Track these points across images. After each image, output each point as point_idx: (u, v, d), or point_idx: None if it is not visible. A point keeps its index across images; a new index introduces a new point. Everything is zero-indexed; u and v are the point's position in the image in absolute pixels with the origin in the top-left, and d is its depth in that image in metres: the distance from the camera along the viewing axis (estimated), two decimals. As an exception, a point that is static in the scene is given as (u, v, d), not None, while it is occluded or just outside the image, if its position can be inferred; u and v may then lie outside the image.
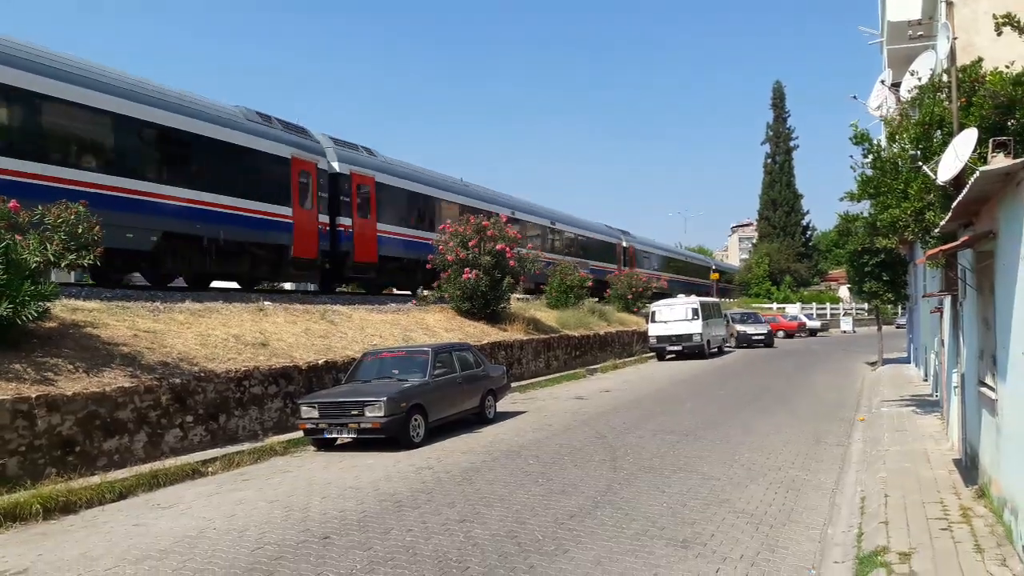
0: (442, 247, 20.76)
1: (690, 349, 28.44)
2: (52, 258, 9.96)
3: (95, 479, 8.91)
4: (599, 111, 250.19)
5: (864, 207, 12.88)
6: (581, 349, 24.86)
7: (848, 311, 59.91)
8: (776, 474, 8.98)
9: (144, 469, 9.53)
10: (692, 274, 56.21)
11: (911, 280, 20.38)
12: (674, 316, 28.89)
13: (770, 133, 76.50)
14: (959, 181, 7.24)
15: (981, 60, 9.37)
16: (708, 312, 29.98)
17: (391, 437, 11.26)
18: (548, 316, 24.94)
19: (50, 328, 10.65)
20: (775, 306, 59.01)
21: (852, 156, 11.30)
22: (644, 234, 47.66)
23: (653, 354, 29.42)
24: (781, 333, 42.41)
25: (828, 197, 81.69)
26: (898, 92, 11.18)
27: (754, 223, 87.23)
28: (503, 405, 15.08)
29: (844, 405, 15.19)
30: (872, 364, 24.32)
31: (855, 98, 12.18)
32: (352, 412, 11.25)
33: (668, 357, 28.88)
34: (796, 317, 49.71)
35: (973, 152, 7.14)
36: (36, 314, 9.73)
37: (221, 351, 12.32)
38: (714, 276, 58.56)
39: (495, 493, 8.34)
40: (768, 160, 76.64)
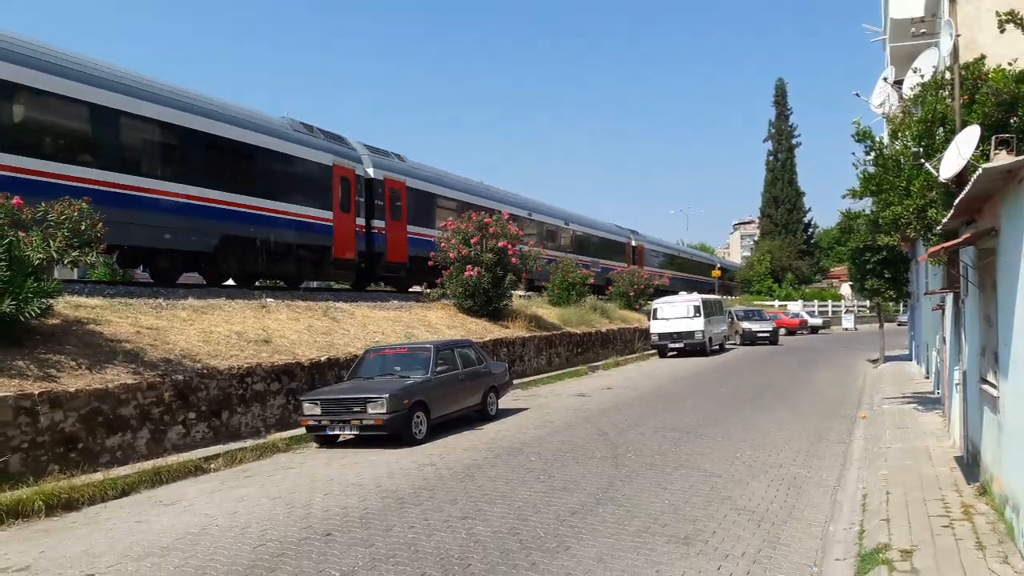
0: (444, 244, 20.80)
1: (692, 346, 28.46)
2: (55, 255, 9.96)
3: (97, 476, 8.93)
4: (600, 109, 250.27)
5: (866, 204, 12.89)
6: (583, 346, 24.87)
7: (850, 308, 59.95)
8: (778, 471, 8.99)
9: (146, 466, 9.55)
10: (697, 272, 56.56)
11: (913, 277, 20.37)
12: (676, 313, 28.91)
13: (772, 130, 76.42)
14: (961, 178, 7.24)
15: (984, 57, 9.37)
16: (710, 309, 29.99)
17: (393, 434, 11.28)
18: (550, 313, 24.94)
19: (53, 325, 10.68)
20: (777, 303, 59.00)
21: (854, 153, 11.31)
22: (644, 231, 47.91)
23: (655, 351, 29.47)
24: (783, 330, 42.23)
25: (830, 194, 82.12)
26: (901, 89, 11.17)
27: (756, 220, 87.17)
28: (505, 402, 15.10)
29: (846, 402, 15.19)
30: (874, 361, 24.32)
31: (858, 95, 12.16)
32: (354, 409, 11.26)
33: (670, 354, 28.91)
34: (798, 314, 49.74)
35: (975, 149, 7.14)
36: (39, 311, 9.74)
37: (224, 348, 12.34)
38: (715, 273, 58.53)
39: (497, 490, 8.35)
40: (770, 157, 76.60)
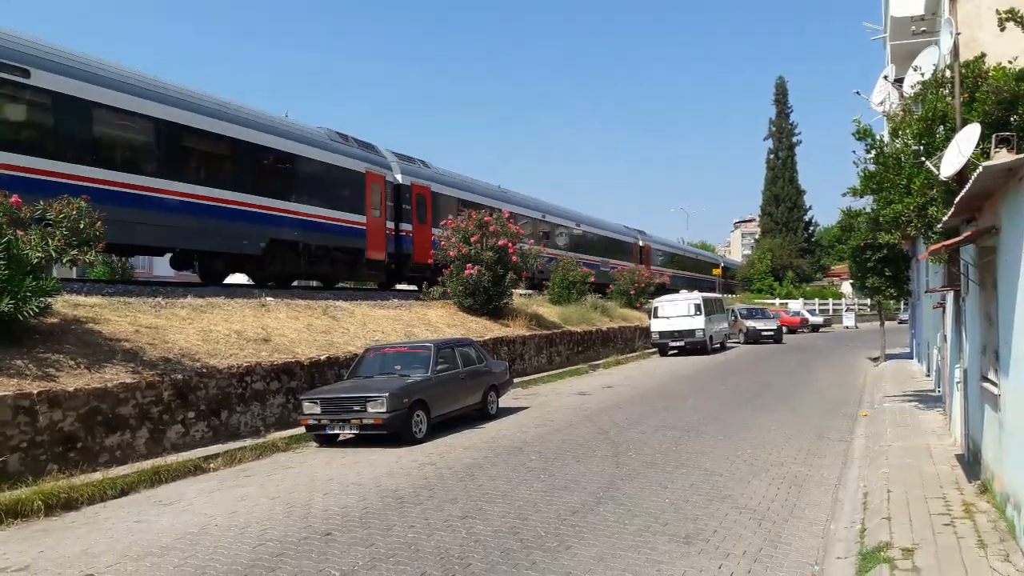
0: (444, 243, 20.78)
1: (692, 345, 28.45)
2: (54, 253, 9.94)
3: (97, 475, 8.91)
4: (600, 108, 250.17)
5: (867, 203, 12.88)
6: (583, 345, 24.85)
7: (851, 307, 59.98)
8: (778, 470, 8.98)
9: (146, 465, 9.53)
10: (700, 270, 57.02)
11: (914, 276, 20.36)
12: (677, 312, 28.89)
13: (773, 129, 76.34)
14: (962, 177, 7.23)
15: (984, 56, 9.35)
16: (711, 308, 29.97)
17: (393, 433, 11.26)
18: (550, 312, 24.92)
19: (52, 324, 10.66)
20: (778, 302, 58.99)
21: (855, 152, 11.30)
22: (647, 230, 48.13)
23: (655, 350, 29.45)
24: (784, 329, 42.26)
25: (831, 193, 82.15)
26: (901, 88, 11.16)
27: (757, 219, 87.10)
28: (505, 401, 15.09)
29: (846, 401, 15.18)
30: (875, 360, 24.31)
31: (858, 94, 12.16)
32: (354, 408, 11.24)
33: (671, 353, 28.90)
34: (799, 313, 49.71)
35: (976, 148, 7.13)
36: (38, 310, 9.72)
37: (223, 347, 12.32)
38: (716, 272, 58.56)
39: (497, 489, 8.34)
40: (771, 156, 76.53)
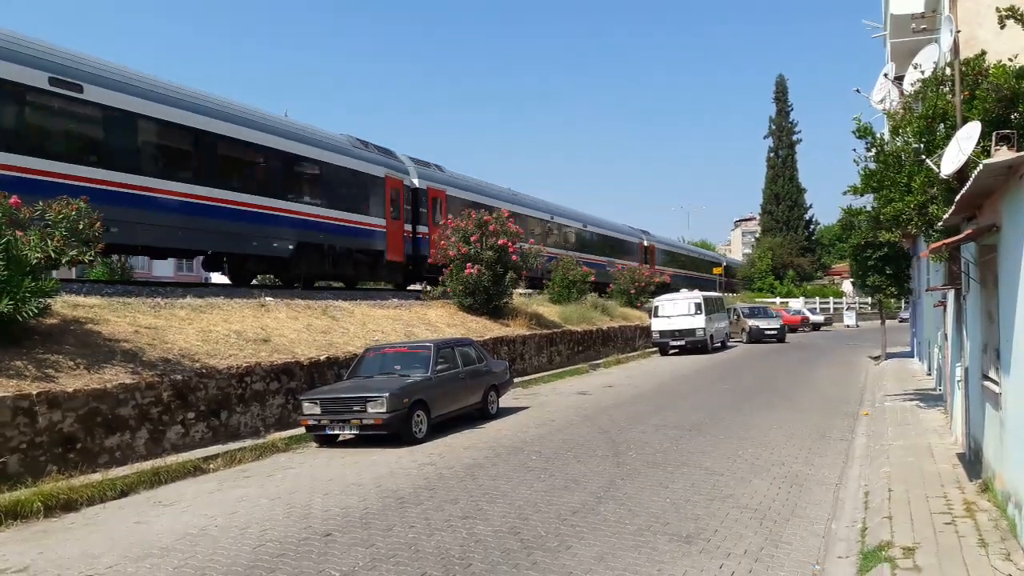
0: (444, 242, 20.77)
1: (693, 344, 28.44)
2: (53, 254, 9.92)
3: (96, 476, 8.90)
4: (600, 107, 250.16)
5: (867, 201, 12.87)
6: (584, 344, 24.84)
7: (851, 305, 59.97)
8: (779, 469, 8.96)
9: (145, 466, 9.52)
10: (703, 269, 57.44)
11: (914, 274, 20.36)
12: (677, 311, 28.89)
13: (773, 127, 76.45)
14: (962, 174, 7.21)
15: (984, 53, 9.34)
16: (711, 307, 29.96)
17: (393, 433, 11.25)
18: (551, 311, 24.91)
19: (51, 324, 10.65)
20: (778, 300, 59.01)
21: (855, 150, 11.29)
22: (649, 229, 48.38)
23: (656, 349, 29.44)
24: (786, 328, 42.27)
25: (831, 191, 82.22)
26: (901, 86, 11.14)
27: (757, 217, 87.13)
28: (506, 401, 15.08)
29: (848, 399, 15.17)
30: (875, 358, 24.30)
31: (858, 92, 12.12)
32: (354, 408, 11.23)
33: (671, 352, 28.88)
34: (799, 311, 49.71)
35: (976, 145, 7.12)
36: (37, 311, 9.70)
37: (223, 347, 12.31)
38: (716, 271, 58.60)
39: (498, 489, 8.33)
40: (771, 154, 76.61)
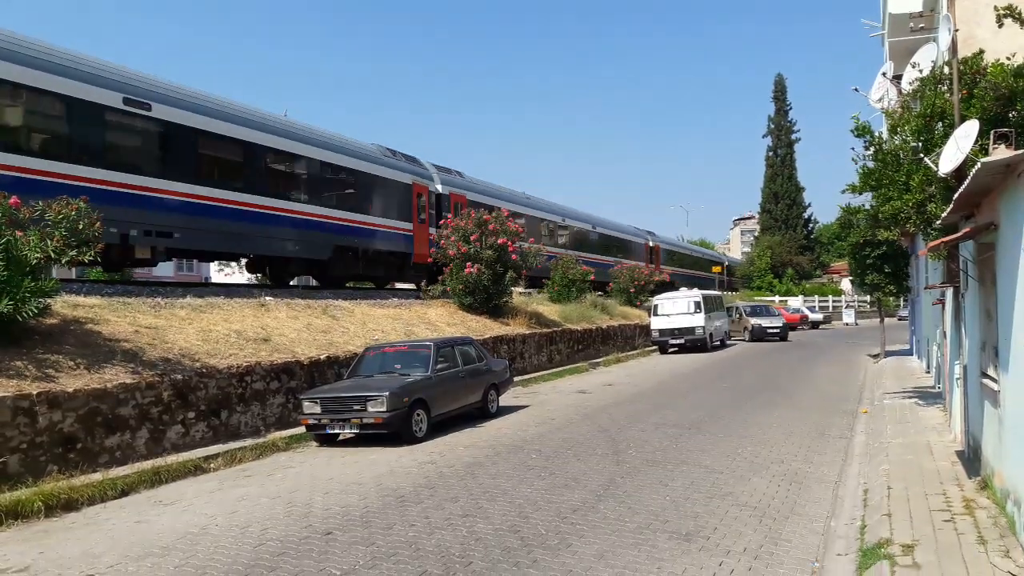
0: (444, 241, 20.78)
1: (692, 342, 28.46)
2: (52, 254, 9.92)
3: (97, 476, 8.91)
4: (599, 107, 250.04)
5: (866, 199, 12.87)
6: (583, 343, 24.85)
7: (850, 303, 59.96)
8: (779, 467, 8.98)
9: (146, 466, 9.52)
10: (705, 268, 58.03)
11: (913, 272, 20.37)
12: (676, 309, 28.90)
13: (772, 126, 76.36)
14: (960, 173, 7.23)
15: (982, 52, 9.35)
16: (710, 305, 29.98)
17: (393, 432, 11.25)
18: (550, 310, 24.92)
19: (51, 324, 10.65)
20: (777, 299, 59.01)
21: (854, 148, 11.30)
22: (646, 228, 48.45)
23: (656, 347, 29.46)
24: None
25: (830, 190, 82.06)
26: (899, 84, 11.15)
27: (756, 216, 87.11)
28: (506, 399, 15.09)
29: (847, 398, 15.18)
30: (874, 356, 24.31)
31: (857, 90, 12.14)
32: (354, 407, 11.24)
33: (671, 350, 28.91)
34: (798, 310, 49.70)
35: (974, 144, 7.13)
36: (37, 311, 9.70)
37: (223, 347, 12.31)
38: (716, 269, 58.66)
39: (498, 487, 8.35)
40: (770, 153, 76.55)
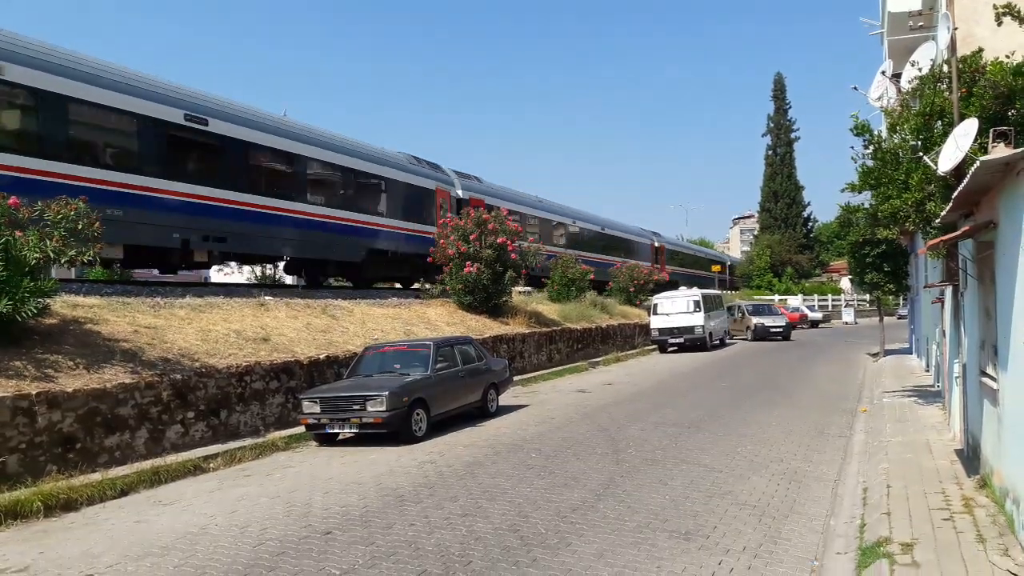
0: (443, 241, 20.76)
1: (692, 341, 28.47)
2: (52, 254, 9.91)
3: (96, 476, 8.90)
4: (600, 106, 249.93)
5: (865, 198, 12.88)
6: (583, 342, 24.85)
7: (850, 302, 60.00)
8: (778, 466, 8.99)
9: (145, 466, 9.52)
10: (708, 268, 58.59)
11: (912, 271, 20.38)
12: (676, 308, 28.91)
13: (771, 125, 76.29)
14: (960, 171, 7.22)
15: (981, 50, 9.35)
16: (710, 304, 29.98)
17: (393, 432, 11.25)
18: (550, 309, 24.92)
19: (50, 324, 10.65)
20: (777, 298, 59.03)
21: (853, 147, 11.31)
22: (641, 225, 48.92)
23: (655, 347, 29.46)
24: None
25: (829, 188, 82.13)
26: (899, 83, 11.16)
27: (756, 215, 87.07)
28: (505, 399, 15.09)
29: (846, 396, 15.20)
30: (874, 355, 24.33)
31: (856, 89, 12.13)
32: (354, 407, 11.24)
33: (670, 349, 28.92)
34: (798, 308, 49.70)
35: (974, 142, 7.13)
36: (36, 311, 9.69)
37: (222, 346, 12.31)
38: (715, 268, 58.70)
39: (498, 487, 8.35)
40: (769, 152, 76.49)
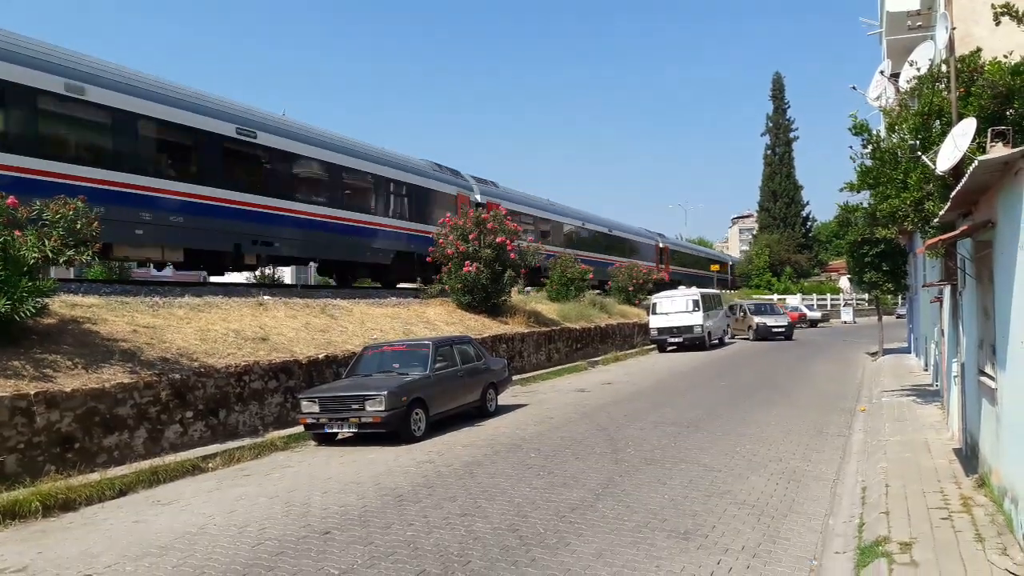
0: (442, 240, 20.74)
1: (691, 341, 28.48)
2: (50, 254, 9.90)
3: (95, 476, 8.90)
4: (599, 104, 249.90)
5: (864, 197, 12.88)
6: (582, 341, 24.85)
7: (848, 301, 60.00)
8: (777, 465, 8.99)
9: (144, 465, 9.52)
10: (709, 268, 58.87)
11: (911, 270, 20.39)
12: (675, 308, 28.92)
13: (770, 124, 76.30)
14: (958, 171, 7.22)
15: (980, 50, 9.36)
16: (709, 304, 29.99)
17: (392, 431, 11.25)
18: (549, 309, 24.92)
19: (49, 324, 10.64)
20: (776, 297, 59.04)
21: (851, 147, 11.32)
22: (641, 225, 49.14)
23: (654, 346, 29.46)
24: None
25: (828, 188, 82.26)
26: (897, 82, 11.16)
27: (754, 214, 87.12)
28: (504, 398, 15.08)
29: (845, 395, 15.20)
30: (873, 354, 24.33)
31: (855, 89, 12.14)
32: (353, 407, 11.24)
33: (669, 349, 28.93)
34: (797, 308, 49.68)
35: (972, 142, 7.13)
36: (34, 310, 9.68)
37: (221, 346, 12.30)
38: (714, 268, 58.75)
39: (497, 486, 8.35)
40: (768, 152, 76.50)
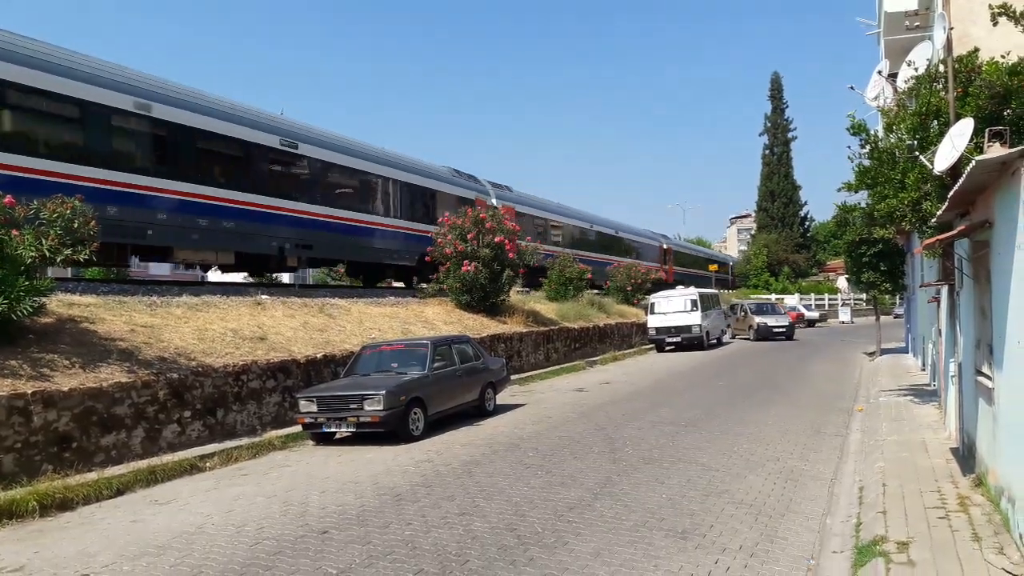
0: (441, 240, 20.73)
1: (689, 340, 28.50)
2: (48, 253, 9.90)
3: (92, 475, 8.90)
4: (599, 104, 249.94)
5: (862, 197, 12.91)
6: (581, 341, 24.86)
7: (846, 301, 60.10)
8: (775, 464, 8.99)
9: (141, 465, 9.51)
10: (709, 268, 59.27)
11: (909, 270, 20.43)
12: (673, 308, 28.94)
13: (768, 124, 76.31)
14: (956, 171, 7.24)
15: (977, 50, 9.38)
16: (707, 303, 30.01)
17: (390, 431, 11.25)
18: (547, 308, 24.92)
19: (46, 323, 10.63)
20: (774, 297, 59.08)
21: (850, 147, 11.37)
22: (641, 225, 49.33)
23: (652, 346, 29.48)
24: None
25: (826, 188, 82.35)
26: (895, 83, 11.17)
27: (753, 214, 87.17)
28: (503, 398, 15.09)
29: (842, 395, 15.22)
30: (870, 354, 24.36)
31: (852, 89, 12.15)
32: (351, 406, 11.24)
33: (667, 348, 28.94)
34: (795, 308, 49.69)
35: (969, 142, 7.15)
36: (31, 309, 9.67)
37: (219, 345, 12.30)
38: (712, 268, 58.80)
39: (495, 486, 8.35)
40: (766, 151, 76.52)
